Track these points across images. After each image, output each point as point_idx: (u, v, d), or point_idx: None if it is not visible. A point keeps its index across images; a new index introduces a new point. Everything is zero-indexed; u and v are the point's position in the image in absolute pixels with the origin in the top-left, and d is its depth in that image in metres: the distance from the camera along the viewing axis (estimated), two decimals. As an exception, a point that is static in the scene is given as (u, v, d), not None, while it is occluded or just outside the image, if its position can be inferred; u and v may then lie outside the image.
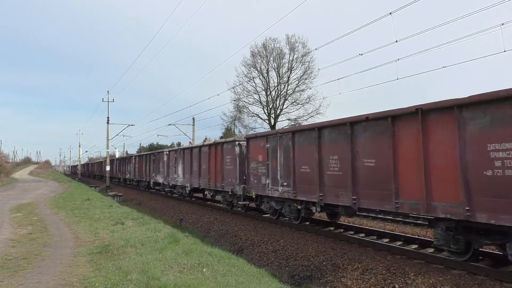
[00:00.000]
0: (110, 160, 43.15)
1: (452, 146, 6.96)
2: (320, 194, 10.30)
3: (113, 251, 8.39)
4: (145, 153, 31.82)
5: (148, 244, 9.13)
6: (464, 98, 6.82)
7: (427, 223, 8.37)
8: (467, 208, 6.68)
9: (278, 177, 12.27)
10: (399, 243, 9.61)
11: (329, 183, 10.07)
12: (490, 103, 6.44)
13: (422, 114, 7.54)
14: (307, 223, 12.72)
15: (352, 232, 11.24)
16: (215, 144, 17.65)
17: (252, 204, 15.56)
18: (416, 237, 10.10)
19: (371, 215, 13.73)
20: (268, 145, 12.83)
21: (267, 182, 12.90)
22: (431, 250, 8.86)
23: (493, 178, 6.32)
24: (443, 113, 7.18)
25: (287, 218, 13.14)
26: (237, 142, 15.30)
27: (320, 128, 10.39)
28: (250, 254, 10.73)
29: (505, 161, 6.17)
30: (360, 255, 8.69)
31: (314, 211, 11.26)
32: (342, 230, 11.57)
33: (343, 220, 13.66)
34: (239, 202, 15.53)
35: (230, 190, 15.80)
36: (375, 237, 10.47)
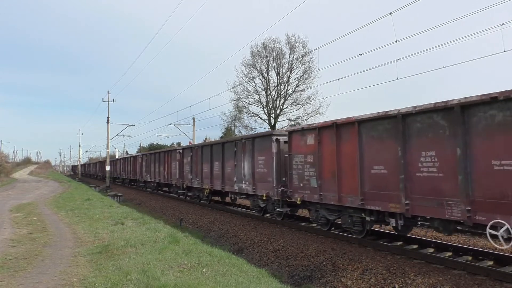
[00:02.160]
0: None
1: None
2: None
3: (113, 251, 8.38)
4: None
5: (148, 244, 9.13)
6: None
7: (428, 223, 8.40)
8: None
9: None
10: (399, 243, 9.61)
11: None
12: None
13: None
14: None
15: (352, 232, 11.23)
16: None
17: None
18: (416, 237, 10.10)
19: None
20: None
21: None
22: (431, 250, 8.87)
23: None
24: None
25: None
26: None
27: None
28: (250, 254, 10.73)
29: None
30: (360, 255, 8.69)
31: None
32: (342, 230, 11.55)
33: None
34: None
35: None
36: (375, 237, 10.46)
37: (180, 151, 22.91)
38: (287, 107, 38.47)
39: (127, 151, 75.08)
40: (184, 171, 21.98)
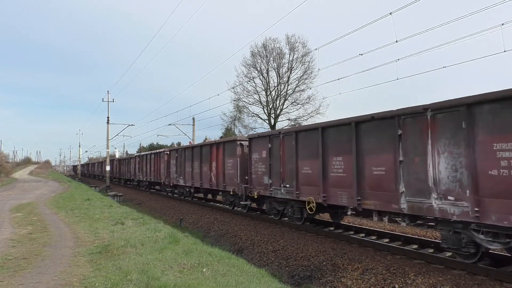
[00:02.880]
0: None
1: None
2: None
3: (113, 251, 8.39)
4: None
5: (148, 244, 9.13)
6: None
7: (432, 223, 8.56)
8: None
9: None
10: (399, 243, 9.61)
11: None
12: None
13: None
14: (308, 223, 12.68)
15: (352, 232, 11.24)
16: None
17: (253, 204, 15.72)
18: (416, 237, 10.10)
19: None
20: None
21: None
22: (431, 250, 8.87)
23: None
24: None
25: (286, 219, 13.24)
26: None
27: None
28: (250, 254, 10.73)
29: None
30: (360, 255, 8.69)
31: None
32: (342, 230, 11.56)
33: (344, 220, 13.67)
34: (240, 202, 15.47)
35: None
36: (375, 237, 10.47)
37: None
38: (287, 107, 38.49)
39: (127, 151, 75.13)
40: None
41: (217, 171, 17.15)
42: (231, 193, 15.81)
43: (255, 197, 13.92)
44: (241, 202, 15.25)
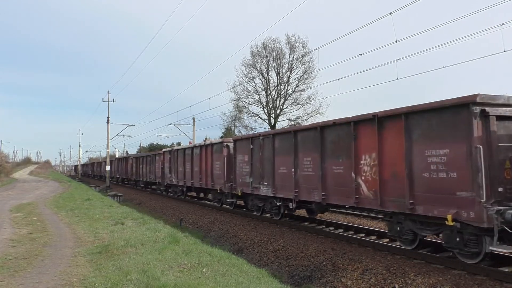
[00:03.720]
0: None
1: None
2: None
3: (113, 251, 8.39)
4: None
5: (148, 244, 9.13)
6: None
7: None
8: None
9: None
10: (399, 243, 9.60)
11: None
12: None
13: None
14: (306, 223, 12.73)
15: (352, 232, 11.23)
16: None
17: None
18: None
19: (371, 214, 13.72)
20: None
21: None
22: (431, 250, 8.86)
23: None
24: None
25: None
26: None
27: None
28: (250, 254, 10.73)
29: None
30: (360, 255, 8.69)
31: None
32: (342, 230, 11.57)
33: (343, 220, 13.67)
34: (227, 200, 16.80)
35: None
36: (375, 237, 10.46)
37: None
38: (287, 107, 38.52)
39: (127, 151, 75.12)
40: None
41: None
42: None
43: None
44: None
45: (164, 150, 26.17)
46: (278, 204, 12.67)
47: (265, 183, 13.08)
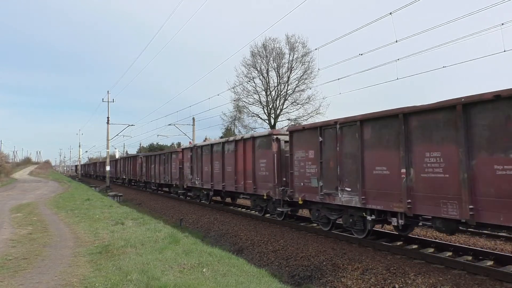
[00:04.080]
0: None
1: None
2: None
3: (113, 251, 8.39)
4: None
5: (148, 244, 9.13)
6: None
7: (429, 223, 8.56)
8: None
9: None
10: (399, 243, 9.61)
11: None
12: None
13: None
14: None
15: (352, 232, 11.23)
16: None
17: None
18: (416, 237, 10.10)
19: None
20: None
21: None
22: (431, 250, 8.87)
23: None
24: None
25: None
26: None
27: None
28: (250, 254, 10.73)
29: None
30: (360, 255, 8.69)
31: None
32: (342, 230, 11.55)
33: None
34: (277, 209, 13.07)
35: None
36: (375, 237, 10.46)
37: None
38: (287, 107, 38.52)
39: (127, 151, 75.06)
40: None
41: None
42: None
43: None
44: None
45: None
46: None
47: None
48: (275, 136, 13.03)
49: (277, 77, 38.08)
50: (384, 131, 8.57)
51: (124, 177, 40.23)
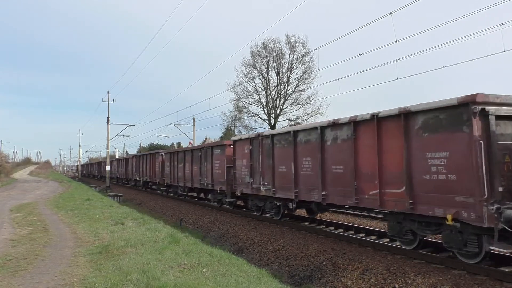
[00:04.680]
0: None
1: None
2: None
3: (113, 251, 8.39)
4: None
5: (148, 244, 9.13)
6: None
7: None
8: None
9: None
10: (399, 243, 9.59)
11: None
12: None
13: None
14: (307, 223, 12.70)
15: (352, 232, 11.23)
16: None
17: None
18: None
19: (371, 214, 13.71)
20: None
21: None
22: (431, 250, 8.86)
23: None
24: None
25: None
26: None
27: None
28: (250, 254, 10.73)
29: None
30: (360, 255, 8.69)
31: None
32: (342, 230, 11.57)
33: (343, 220, 13.66)
34: (226, 200, 16.73)
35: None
36: (375, 237, 10.46)
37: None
38: (287, 107, 38.53)
39: (127, 151, 75.09)
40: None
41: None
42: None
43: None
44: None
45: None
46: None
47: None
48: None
49: (277, 77, 38.10)
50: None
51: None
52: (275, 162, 12.46)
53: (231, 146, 16.00)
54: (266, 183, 13.08)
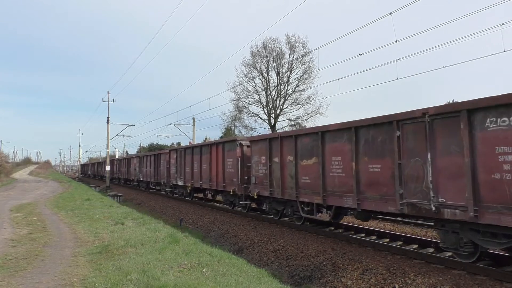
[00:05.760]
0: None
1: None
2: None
3: (113, 251, 8.39)
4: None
5: (148, 244, 9.13)
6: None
7: (431, 223, 8.43)
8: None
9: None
10: (399, 243, 9.61)
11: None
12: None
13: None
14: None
15: (352, 232, 11.23)
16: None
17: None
18: (416, 237, 10.09)
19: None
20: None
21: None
22: (431, 250, 8.86)
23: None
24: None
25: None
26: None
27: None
28: (250, 254, 10.73)
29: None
30: (360, 255, 8.69)
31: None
32: (342, 230, 11.56)
33: (344, 220, 13.66)
34: (241, 202, 15.28)
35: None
36: (375, 237, 10.47)
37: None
38: (287, 107, 38.48)
39: (127, 151, 75.06)
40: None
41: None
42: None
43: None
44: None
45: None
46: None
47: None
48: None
49: (277, 77, 38.07)
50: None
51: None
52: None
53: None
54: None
